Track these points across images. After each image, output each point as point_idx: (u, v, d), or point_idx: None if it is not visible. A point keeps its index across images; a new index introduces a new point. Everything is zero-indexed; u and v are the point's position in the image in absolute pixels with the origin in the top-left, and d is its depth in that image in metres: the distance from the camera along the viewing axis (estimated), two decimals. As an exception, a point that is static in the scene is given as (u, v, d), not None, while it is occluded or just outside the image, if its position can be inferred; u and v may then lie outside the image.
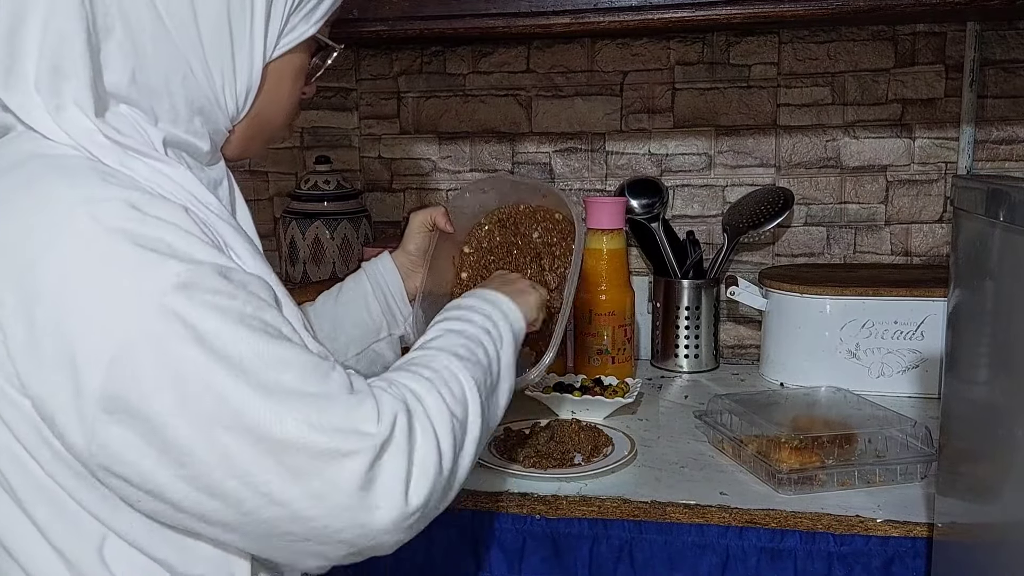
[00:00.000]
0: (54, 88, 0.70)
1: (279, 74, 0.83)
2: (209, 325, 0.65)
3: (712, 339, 1.60)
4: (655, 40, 1.64)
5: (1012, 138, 1.55)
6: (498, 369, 0.88)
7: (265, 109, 0.83)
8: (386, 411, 0.71)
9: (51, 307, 0.63)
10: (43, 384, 0.64)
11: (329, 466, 0.67)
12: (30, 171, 0.69)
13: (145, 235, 0.65)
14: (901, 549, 1.02)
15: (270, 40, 0.79)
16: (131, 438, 0.65)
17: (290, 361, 0.68)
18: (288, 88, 0.84)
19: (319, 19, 0.83)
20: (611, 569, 1.08)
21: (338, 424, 0.68)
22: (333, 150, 1.78)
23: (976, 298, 0.83)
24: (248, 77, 0.79)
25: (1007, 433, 0.76)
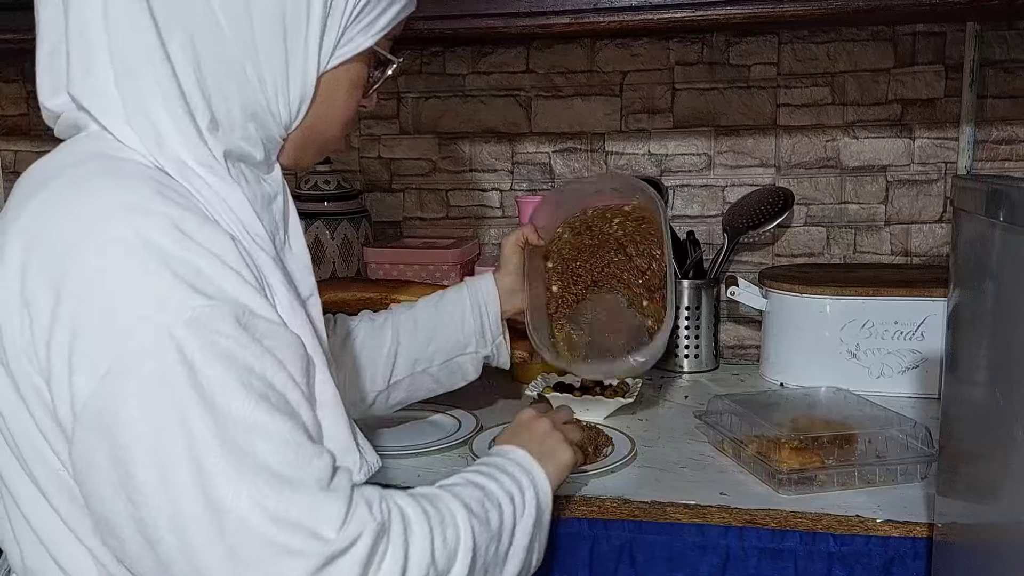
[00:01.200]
0: (131, 90, 0.70)
1: (334, 85, 0.81)
2: (208, 370, 0.63)
3: (712, 339, 1.60)
4: (655, 40, 1.64)
5: (1012, 138, 1.55)
6: (509, 541, 0.81)
7: (319, 120, 0.82)
8: (354, 522, 0.66)
9: (72, 302, 0.64)
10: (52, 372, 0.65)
11: (269, 560, 0.63)
12: (87, 169, 0.69)
13: (180, 259, 0.64)
14: (901, 549, 1.01)
15: (325, 50, 0.78)
16: (100, 459, 0.63)
17: (272, 434, 0.64)
18: (343, 99, 0.83)
19: (378, 32, 0.81)
20: (611, 569, 1.08)
21: (294, 517, 0.63)
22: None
23: (976, 298, 0.83)
24: (302, 86, 0.78)
25: (1007, 433, 0.76)
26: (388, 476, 1.15)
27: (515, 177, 1.73)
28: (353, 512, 0.67)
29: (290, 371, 0.68)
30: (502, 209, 1.74)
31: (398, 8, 0.83)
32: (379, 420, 1.34)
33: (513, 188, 1.73)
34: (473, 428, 1.28)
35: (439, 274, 1.60)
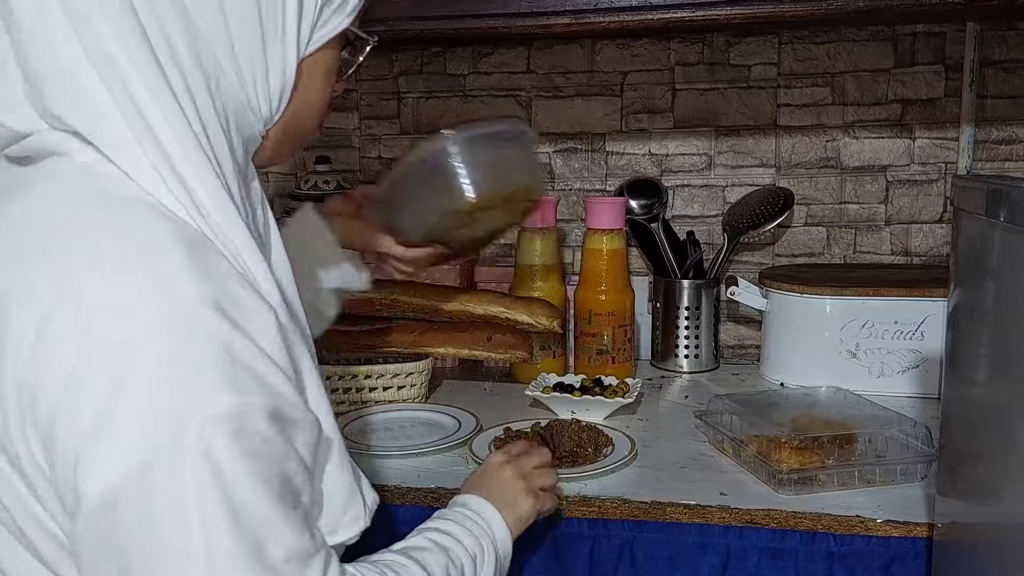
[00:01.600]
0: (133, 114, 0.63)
1: (312, 71, 0.76)
2: (233, 471, 0.60)
3: (712, 339, 1.60)
4: (655, 40, 1.64)
5: (1012, 138, 1.55)
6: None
7: (299, 110, 0.77)
8: None
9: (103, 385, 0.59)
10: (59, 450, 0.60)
11: None
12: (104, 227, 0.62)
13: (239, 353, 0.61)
14: (901, 549, 1.01)
15: (303, 34, 0.73)
16: (109, 549, 0.60)
17: (283, 538, 0.63)
18: (320, 86, 0.78)
19: (352, 11, 0.78)
20: (611, 569, 1.08)
21: None
22: (333, 150, 1.78)
23: (976, 298, 0.83)
24: (282, 75, 0.73)
25: (1007, 433, 0.76)
26: (388, 476, 1.15)
27: (515, 177, 1.73)
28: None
29: (302, 455, 0.66)
30: (502, 209, 1.74)
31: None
32: (379, 420, 1.34)
33: (513, 188, 1.73)
34: (473, 428, 1.28)
35: (439, 274, 1.60)
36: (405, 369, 1.39)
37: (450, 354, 1.40)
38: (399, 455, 1.21)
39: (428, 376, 1.42)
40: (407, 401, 1.40)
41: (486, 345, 1.38)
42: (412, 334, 1.39)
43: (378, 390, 1.39)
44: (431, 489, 1.12)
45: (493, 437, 1.23)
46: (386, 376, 1.38)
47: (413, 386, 1.40)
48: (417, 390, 1.41)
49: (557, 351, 1.53)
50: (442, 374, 1.58)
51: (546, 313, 1.41)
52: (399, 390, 1.40)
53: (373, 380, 1.38)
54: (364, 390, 1.39)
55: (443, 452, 1.22)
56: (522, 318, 1.40)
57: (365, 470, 1.16)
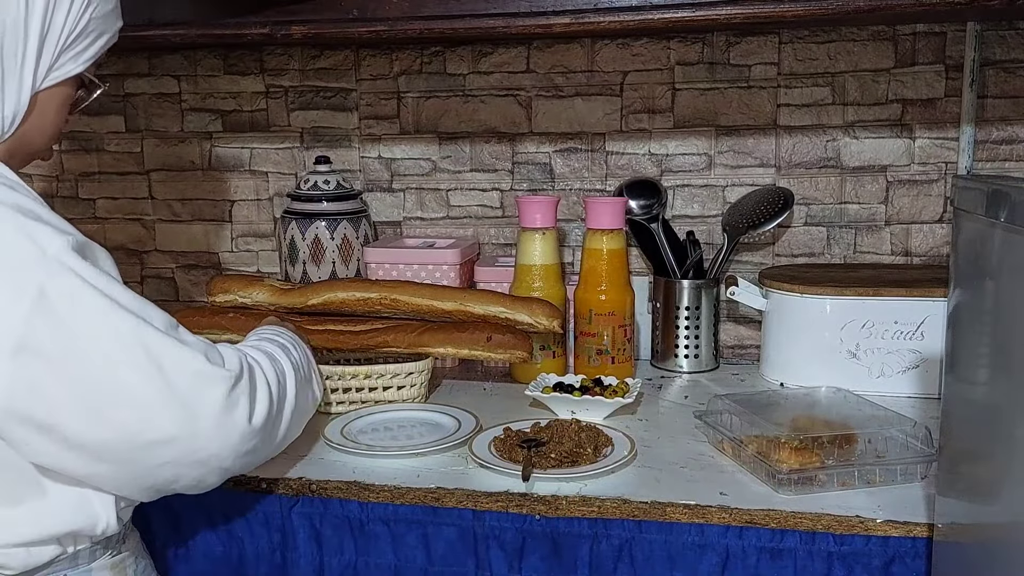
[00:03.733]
0: None
1: (46, 103, 0.93)
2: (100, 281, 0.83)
3: (712, 339, 1.60)
4: (655, 40, 1.64)
5: (1012, 138, 1.55)
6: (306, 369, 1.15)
7: (29, 132, 0.93)
8: (231, 357, 0.93)
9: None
10: None
11: (202, 390, 0.87)
12: None
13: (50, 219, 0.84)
14: (901, 549, 1.02)
15: (40, 73, 0.90)
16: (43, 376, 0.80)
17: (156, 315, 0.88)
18: (53, 115, 0.95)
19: (87, 60, 0.94)
20: (611, 569, 1.08)
21: (201, 359, 0.88)
22: (333, 150, 1.78)
23: (976, 298, 0.83)
24: (15, 104, 0.89)
25: (1007, 433, 0.76)
26: (388, 476, 1.15)
27: (515, 177, 1.73)
28: (227, 354, 0.93)
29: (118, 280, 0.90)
30: (502, 209, 1.74)
31: (104, 40, 0.96)
32: (379, 420, 1.34)
33: (513, 188, 1.73)
34: (473, 428, 1.28)
35: (439, 274, 1.60)
36: (405, 369, 1.39)
37: (450, 354, 1.40)
38: (399, 455, 1.21)
39: (428, 376, 1.42)
40: (407, 401, 1.40)
41: (486, 345, 1.38)
42: (412, 334, 1.39)
43: (378, 390, 1.39)
44: (431, 489, 1.12)
45: (493, 437, 1.23)
46: (386, 376, 1.38)
47: (413, 386, 1.40)
48: (417, 390, 1.41)
49: (557, 351, 1.53)
50: (442, 374, 1.58)
51: (546, 313, 1.41)
52: (399, 390, 1.40)
53: (373, 380, 1.38)
54: (364, 390, 1.39)
55: (443, 452, 1.22)
56: (522, 318, 1.40)
57: (365, 470, 1.17)
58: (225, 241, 1.86)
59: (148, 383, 0.84)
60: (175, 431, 0.86)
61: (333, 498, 1.14)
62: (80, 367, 0.82)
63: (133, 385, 0.83)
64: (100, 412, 0.83)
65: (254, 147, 1.82)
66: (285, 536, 1.16)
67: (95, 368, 0.82)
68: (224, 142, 1.83)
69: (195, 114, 1.83)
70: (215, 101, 1.81)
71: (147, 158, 1.86)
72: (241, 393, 0.91)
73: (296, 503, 1.15)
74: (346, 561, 1.15)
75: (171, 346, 0.86)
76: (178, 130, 1.84)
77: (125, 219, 1.89)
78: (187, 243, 1.88)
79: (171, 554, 1.20)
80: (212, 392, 0.88)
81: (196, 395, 0.87)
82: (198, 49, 1.79)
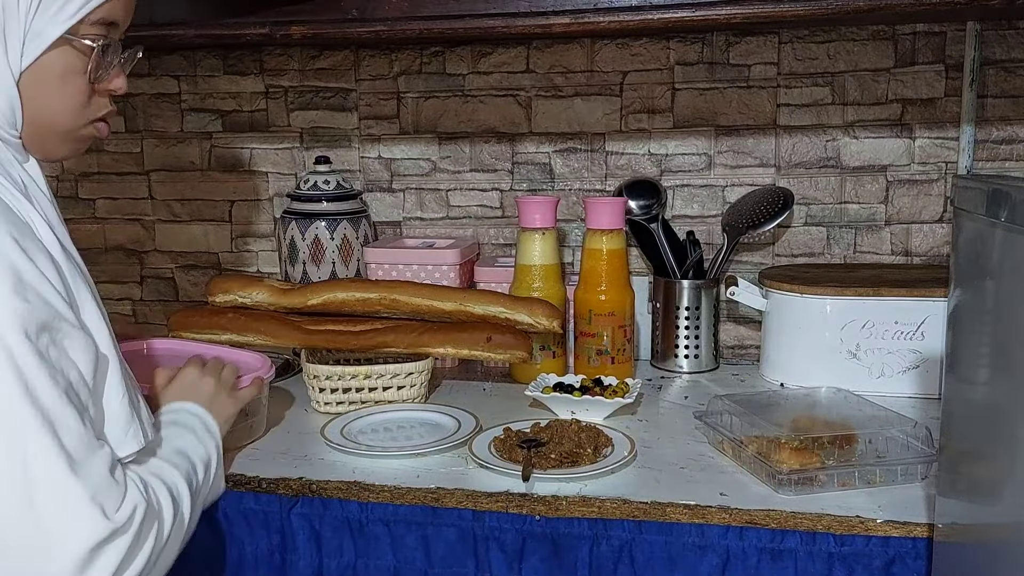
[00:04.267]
0: None
1: (38, 80, 0.86)
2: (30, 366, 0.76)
3: (712, 339, 1.60)
4: (655, 40, 1.64)
5: (1012, 138, 1.55)
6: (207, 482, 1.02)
7: (40, 115, 0.87)
8: (127, 506, 0.82)
9: None
10: None
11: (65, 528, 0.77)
12: None
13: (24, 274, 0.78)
14: (902, 550, 1.01)
15: (12, 55, 0.83)
16: None
17: (73, 429, 0.79)
18: (56, 91, 0.88)
19: (69, 17, 0.85)
20: (611, 569, 1.08)
21: (83, 497, 0.78)
22: (333, 150, 1.78)
23: (977, 298, 0.83)
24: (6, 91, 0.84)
25: (1007, 433, 0.76)
26: (388, 476, 1.15)
27: (515, 177, 1.73)
28: (128, 494, 0.83)
29: (81, 369, 0.82)
30: (502, 209, 1.74)
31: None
32: (379, 420, 1.34)
33: (513, 188, 1.73)
34: (473, 428, 1.28)
35: (439, 274, 1.60)
36: (405, 369, 1.39)
37: (450, 354, 1.40)
38: (399, 455, 1.21)
39: (428, 376, 1.41)
40: (407, 401, 1.40)
41: (486, 345, 1.38)
42: (412, 334, 1.39)
43: (378, 390, 1.39)
44: (431, 489, 1.11)
45: (493, 437, 1.23)
46: (386, 376, 1.38)
47: (413, 386, 1.40)
48: (417, 390, 1.41)
49: (557, 351, 1.53)
50: (442, 374, 1.58)
51: (546, 313, 1.41)
52: (399, 390, 1.40)
53: (373, 380, 1.38)
54: (364, 390, 1.39)
55: (443, 452, 1.22)
56: (522, 318, 1.40)
57: (365, 470, 1.17)
58: (225, 241, 1.86)
59: (8, 489, 0.76)
60: (18, 556, 0.77)
61: (333, 499, 1.14)
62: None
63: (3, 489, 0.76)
64: None
65: (254, 147, 1.82)
66: (284, 537, 1.16)
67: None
68: (224, 142, 1.83)
69: (195, 114, 1.83)
70: (215, 101, 1.81)
71: (147, 158, 1.86)
72: (112, 549, 0.80)
73: (296, 503, 1.15)
74: (346, 562, 1.15)
75: (56, 466, 0.77)
76: (178, 130, 1.84)
77: (125, 219, 1.89)
78: (187, 243, 1.88)
79: (171, 555, 1.19)
80: (75, 537, 0.77)
81: (55, 532, 0.77)
82: (197, 49, 1.79)
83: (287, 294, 1.46)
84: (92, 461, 0.80)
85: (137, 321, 1.91)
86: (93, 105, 0.92)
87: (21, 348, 0.76)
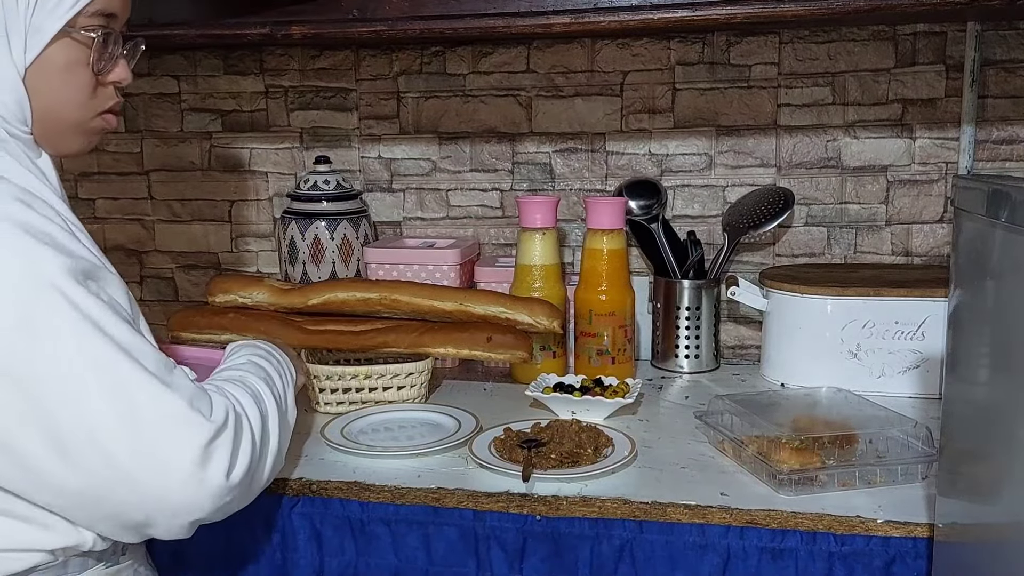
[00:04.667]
0: None
1: (43, 74, 0.88)
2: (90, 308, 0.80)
3: (712, 339, 1.60)
4: (655, 40, 1.64)
5: (1013, 138, 1.55)
6: (286, 402, 1.06)
7: (47, 108, 0.89)
8: (219, 407, 0.88)
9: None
10: None
11: (176, 439, 0.82)
12: None
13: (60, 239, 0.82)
14: (902, 549, 1.01)
15: (16, 50, 0.86)
16: (12, 397, 0.77)
17: (147, 353, 0.84)
18: (60, 84, 0.89)
19: (67, 11, 0.87)
20: (612, 569, 1.08)
21: (183, 405, 0.83)
22: (333, 150, 1.78)
23: (977, 298, 0.83)
24: (14, 91, 0.86)
25: (1008, 433, 0.76)
26: (388, 476, 1.15)
27: (515, 177, 1.73)
28: (215, 401, 0.88)
29: (124, 306, 0.88)
30: (502, 209, 1.74)
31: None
32: (379, 420, 1.34)
33: (513, 188, 1.73)
34: (473, 428, 1.28)
35: (439, 274, 1.60)
36: (405, 369, 1.39)
37: (450, 354, 1.40)
38: (399, 455, 1.21)
39: (428, 376, 1.41)
40: (407, 401, 1.40)
41: (486, 345, 1.38)
42: (412, 334, 1.39)
43: (378, 390, 1.39)
44: (431, 489, 1.11)
45: (493, 437, 1.23)
46: (386, 376, 1.38)
47: (413, 386, 1.40)
48: (417, 390, 1.41)
49: (557, 351, 1.53)
50: (442, 374, 1.58)
51: (546, 313, 1.41)
52: (399, 390, 1.40)
53: (373, 380, 1.38)
54: (364, 390, 1.39)
55: (443, 452, 1.22)
56: (522, 318, 1.40)
57: (365, 470, 1.17)
58: (225, 241, 1.86)
59: (117, 421, 0.80)
60: (142, 478, 0.81)
61: (333, 498, 1.14)
62: (49, 392, 0.78)
63: (100, 421, 0.79)
64: (63, 444, 0.79)
65: (254, 147, 1.82)
66: (285, 536, 1.16)
67: (64, 395, 0.78)
68: (224, 142, 1.83)
69: (195, 114, 1.83)
70: (215, 101, 1.81)
71: (147, 158, 1.86)
72: (220, 446, 0.86)
73: (296, 503, 1.15)
74: (346, 561, 1.15)
75: (151, 385, 0.82)
76: (178, 130, 1.84)
77: (125, 219, 1.89)
78: (187, 243, 1.88)
79: (171, 554, 1.20)
80: (188, 442, 0.83)
81: (169, 443, 0.82)
82: (198, 49, 1.79)
83: (287, 294, 1.46)
84: (175, 376, 0.86)
85: (137, 321, 1.91)
86: (99, 97, 0.94)
87: (78, 293, 0.79)
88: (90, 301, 0.80)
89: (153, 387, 0.82)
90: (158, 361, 0.85)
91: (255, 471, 0.92)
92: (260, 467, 0.94)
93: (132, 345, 0.82)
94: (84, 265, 0.82)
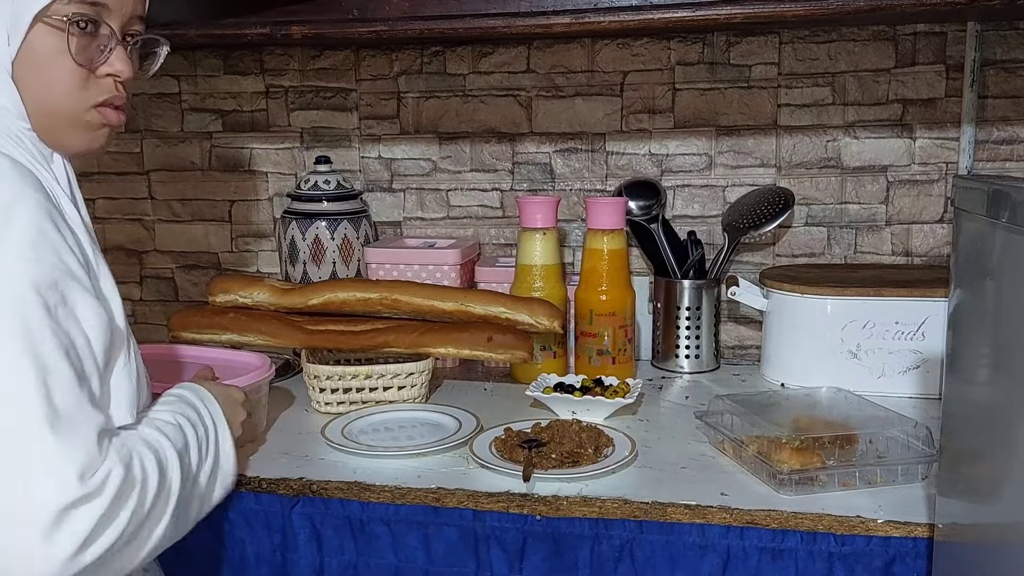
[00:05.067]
0: None
1: (28, 65, 0.87)
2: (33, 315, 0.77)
3: (713, 339, 1.60)
4: (655, 40, 1.64)
5: (1013, 138, 1.55)
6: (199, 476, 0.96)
7: (37, 101, 0.88)
8: (103, 471, 0.78)
9: None
10: None
11: (30, 485, 0.73)
12: None
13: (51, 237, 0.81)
14: (902, 550, 1.01)
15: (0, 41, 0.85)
16: None
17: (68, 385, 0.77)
18: (45, 74, 0.88)
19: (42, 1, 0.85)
20: (612, 569, 1.08)
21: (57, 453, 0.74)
22: (333, 150, 1.78)
23: (977, 298, 0.83)
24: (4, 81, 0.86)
25: (1008, 433, 0.76)
26: (388, 476, 1.15)
27: (515, 177, 1.73)
28: (106, 463, 0.78)
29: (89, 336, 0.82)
30: (502, 209, 1.74)
31: None
32: (379, 420, 1.34)
33: (513, 188, 1.73)
34: (473, 428, 1.28)
35: (439, 274, 1.60)
36: (405, 369, 1.39)
37: (450, 354, 1.40)
38: (399, 455, 1.21)
39: (428, 376, 1.41)
40: (407, 401, 1.40)
41: (486, 345, 1.38)
42: (412, 334, 1.39)
43: (378, 390, 1.39)
44: (431, 489, 1.11)
45: (493, 437, 1.23)
46: (386, 376, 1.38)
47: (413, 386, 1.40)
48: (417, 390, 1.41)
49: (557, 351, 1.53)
50: (442, 374, 1.58)
51: (547, 313, 1.41)
52: (399, 390, 1.40)
53: (373, 380, 1.38)
54: (364, 390, 1.39)
55: (443, 452, 1.22)
56: (523, 318, 1.40)
57: (366, 470, 1.17)
58: (225, 241, 1.86)
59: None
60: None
61: (334, 498, 1.14)
62: None
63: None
64: None
65: (254, 147, 1.82)
66: (286, 536, 1.16)
67: None
68: (224, 142, 1.83)
69: (195, 114, 1.83)
70: (215, 101, 1.81)
71: (147, 158, 1.86)
72: (81, 514, 0.75)
73: (297, 503, 1.15)
74: (347, 561, 1.15)
75: (35, 416, 0.74)
76: (178, 130, 1.84)
77: (124, 219, 1.89)
78: (187, 243, 1.88)
79: (171, 554, 1.19)
80: (42, 498, 0.73)
81: (21, 489, 0.73)
82: (198, 49, 1.79)
83: (288, 294, 1.46)
84: (78, 422, 0.77)
85: (137, 322, 1.91)
86: (92, 88, 0.91)
87: (29, 298, 0.76)
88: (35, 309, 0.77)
89: (37, 420, 0.74)
90: (71, 399, 0.77)
91: (124, 549, 0.81)
92: (134, 547, 0.83)
93: (52, 371, 0.76)
94: (55, 274, 0.79)
